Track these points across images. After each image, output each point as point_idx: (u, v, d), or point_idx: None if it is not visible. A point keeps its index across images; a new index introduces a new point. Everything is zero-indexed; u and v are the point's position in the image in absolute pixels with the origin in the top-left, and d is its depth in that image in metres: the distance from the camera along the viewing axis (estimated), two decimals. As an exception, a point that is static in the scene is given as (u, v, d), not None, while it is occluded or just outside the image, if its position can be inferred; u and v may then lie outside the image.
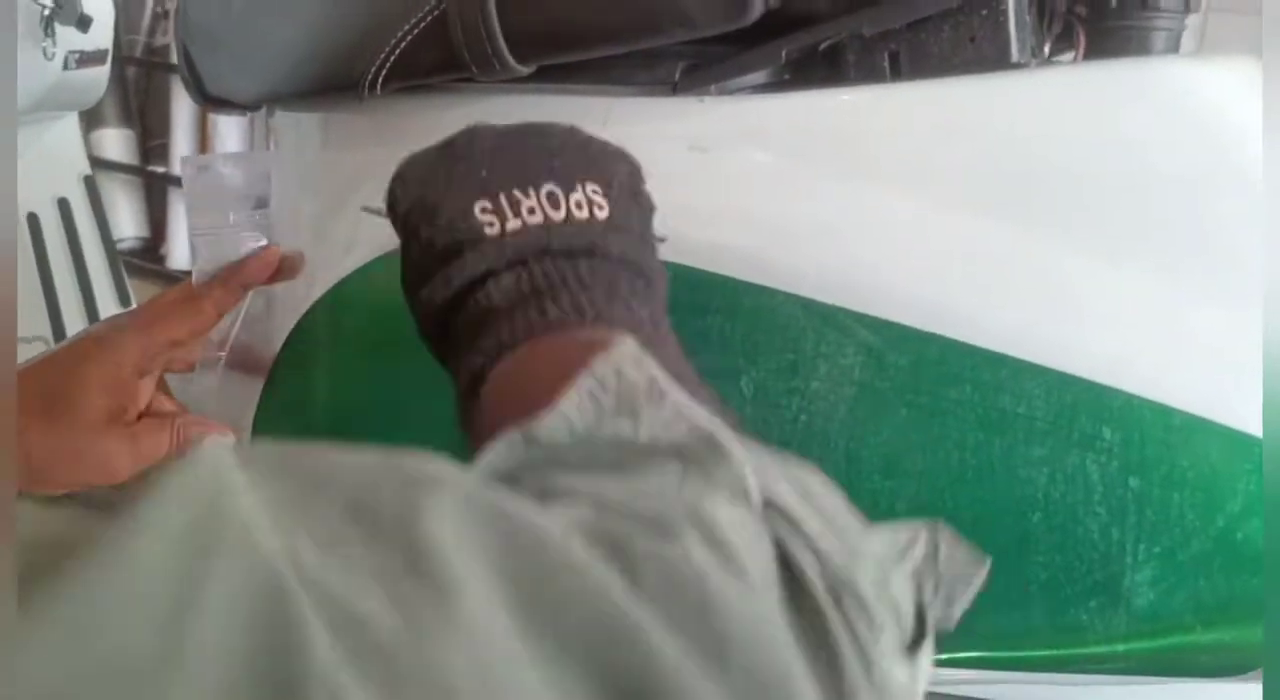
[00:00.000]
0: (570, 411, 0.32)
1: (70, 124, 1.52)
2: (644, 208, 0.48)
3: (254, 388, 0.75)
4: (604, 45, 0.60)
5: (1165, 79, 0.53)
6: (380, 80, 0.67)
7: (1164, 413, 0.51)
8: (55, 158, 1.49)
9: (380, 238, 0.67)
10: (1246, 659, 0.51)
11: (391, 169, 0.71)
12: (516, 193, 0.44)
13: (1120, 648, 0.52)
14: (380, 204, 0.47)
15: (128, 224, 3.31)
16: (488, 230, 0.43)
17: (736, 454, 0.31)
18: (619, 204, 0.45)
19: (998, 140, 0.54)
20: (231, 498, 0.23)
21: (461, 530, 0.24)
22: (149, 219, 3.45)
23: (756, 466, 0.32)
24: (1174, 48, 0.57)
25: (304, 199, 0.79)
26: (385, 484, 0.25)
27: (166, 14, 3.16)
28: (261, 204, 0.60)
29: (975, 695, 0.55)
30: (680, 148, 0.61)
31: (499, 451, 0.31)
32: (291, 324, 0.72)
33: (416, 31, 0.65)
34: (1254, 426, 0.50)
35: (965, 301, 0.54)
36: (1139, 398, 0.51)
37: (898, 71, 0.58)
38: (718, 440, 0.31)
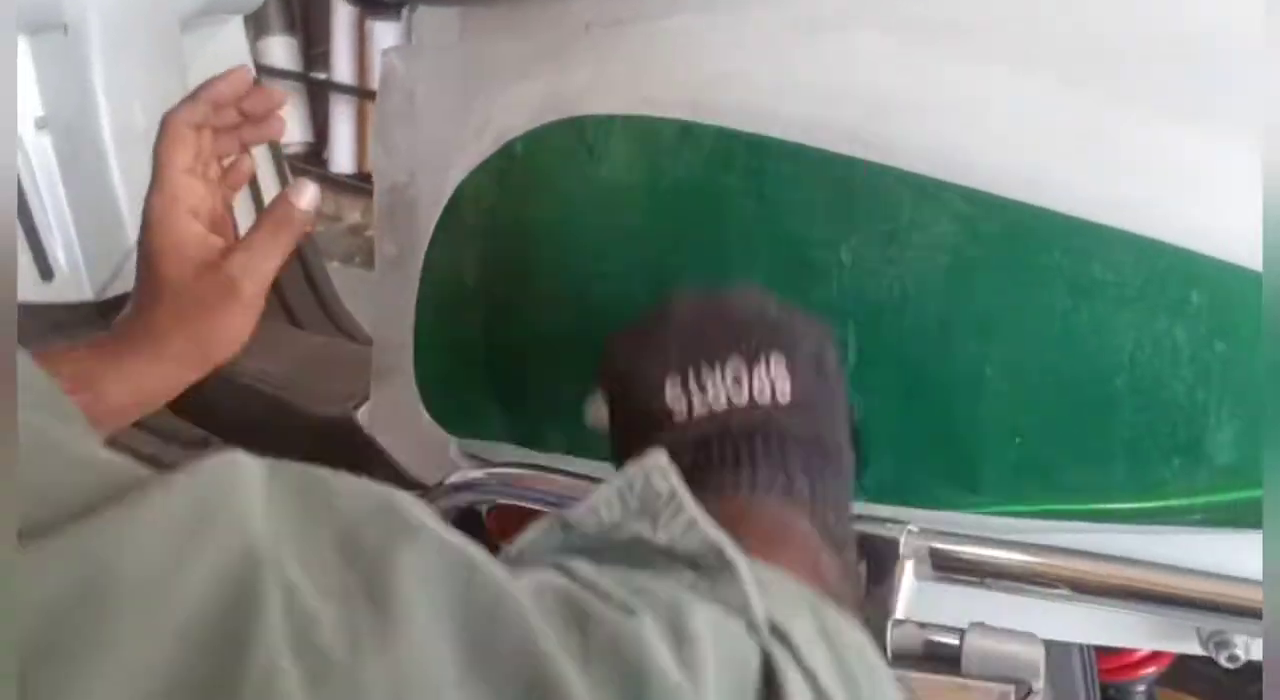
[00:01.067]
0: (600, 506, 0.36)
1: (236, 30, 1.61)
2: (830, 380, 0.51)
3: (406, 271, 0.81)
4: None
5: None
6: (512, -29, 0.71)
7: (1252, 278, 0.52)
8: (222, 63, 1.58)
9: (510, 119, 0.72)
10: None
11: (524, 58, 0.75)
12: (704, 369, 0.48)
13: (1200, 501, 0.54)
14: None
15: (293, 129, 3.45)
16: (675, 417, 0.48)
17: (744, 571, 0.35)
18: (802, 380, 0.49)
19: (1091, 9, 0.55)
20: (244, 491, 0.27)
21: (429, 573, 0.27)
22: (313, 124, 3.59)
23: (779, 595, 0.36)
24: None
25: (443, 87, 0.84)
26: (373, 524, 0.28)
27: (325, -79, 3.24)
28: None
29: (1058, 544, 0.58)
30: (787, 25, 0.63)
31: (537, 532, 0.36)
32: (433, 200, 0.77)
33: (545, -78, 0.69)
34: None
35: (1057, 171, 0.55)
36: (1228, 263, 0.52)
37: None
38: (727, 555, 0.35)
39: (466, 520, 0.81)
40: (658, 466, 0.37)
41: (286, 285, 1.48)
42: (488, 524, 0.82)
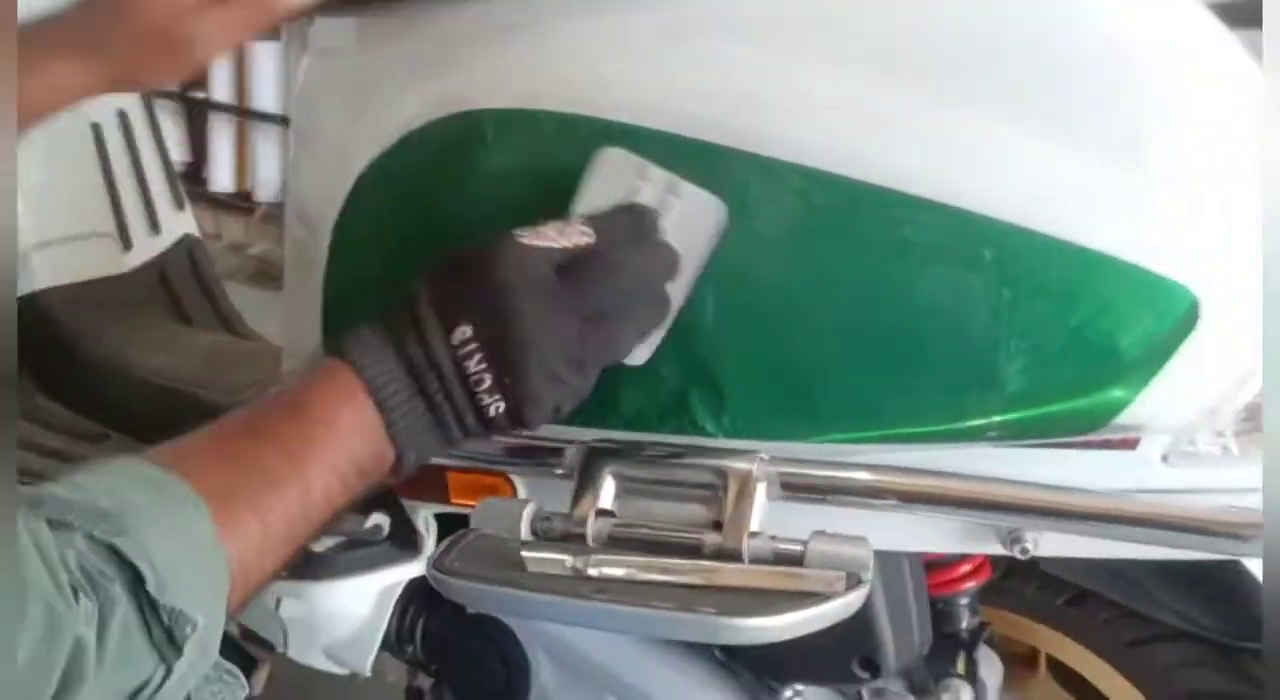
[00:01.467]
0: None
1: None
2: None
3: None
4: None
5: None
6: (410, -19, 0.79)
7: (1031, 235, 0.64)
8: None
9: (406, 114, 0.80)
10: (1092, 423, 0.65)
11: (420, 60, 0.83)
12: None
13: (997, 420, 0.66)
14: None
15: (171, 149, 3.42)
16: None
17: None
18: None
19: (898, 14, 0.67)
20: None
21: None
22: (190, 144, 3.58)
23: None
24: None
25: (344, 90, 0.92)
26: None
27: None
28: None
29: (882, 462, 0.69)
30: (660, 31, 0.73)
31: None
32: (339, 193, 0.84)
33: (442, -65, 0.77)
34: (1103, 244, 0.63)
35: (874, 150, 0.66)
36: (1011, 224, 0.64)
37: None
38: None
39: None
40: None
41: (183, 294, 1.53)
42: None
